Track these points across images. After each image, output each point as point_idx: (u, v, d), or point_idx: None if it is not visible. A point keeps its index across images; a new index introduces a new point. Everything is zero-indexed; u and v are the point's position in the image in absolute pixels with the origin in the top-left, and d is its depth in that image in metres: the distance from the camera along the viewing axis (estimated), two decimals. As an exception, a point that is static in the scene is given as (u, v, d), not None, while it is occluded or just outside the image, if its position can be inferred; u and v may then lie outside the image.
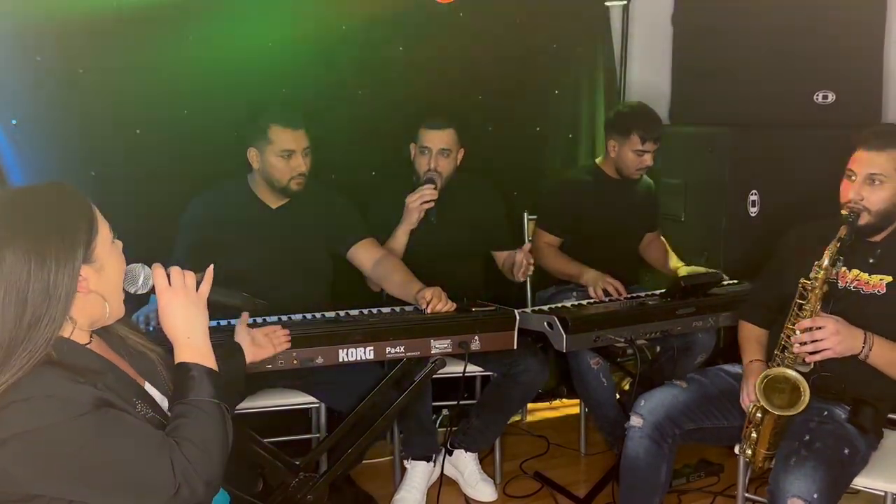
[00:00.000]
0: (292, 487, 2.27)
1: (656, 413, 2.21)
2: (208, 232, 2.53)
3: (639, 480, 2.25)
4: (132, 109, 2.75)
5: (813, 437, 1.98)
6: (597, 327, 2.45)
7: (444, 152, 2.83)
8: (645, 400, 2.25)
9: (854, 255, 2.13)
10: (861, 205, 2.06)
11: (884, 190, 2.05)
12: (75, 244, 1.25)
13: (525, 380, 2.66)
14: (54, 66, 2.62)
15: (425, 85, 3.18)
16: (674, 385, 2.30)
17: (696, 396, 2.22)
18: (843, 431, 2.03)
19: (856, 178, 2.08)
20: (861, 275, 2.13)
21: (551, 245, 3.11)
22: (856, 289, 2.12)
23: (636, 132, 2.96)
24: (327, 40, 2.99)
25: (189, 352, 1.38)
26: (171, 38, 2.75)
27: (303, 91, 2.98)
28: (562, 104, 3.49)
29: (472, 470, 2.81)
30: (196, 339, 1.39)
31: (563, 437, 3.29)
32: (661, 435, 2.20)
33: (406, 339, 2.22)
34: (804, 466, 1.90)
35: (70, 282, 1.24)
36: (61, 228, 1.25)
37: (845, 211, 2.08)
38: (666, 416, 2.20)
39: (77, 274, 1.25)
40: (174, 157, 2.80)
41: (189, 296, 1.41)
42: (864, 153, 2.08)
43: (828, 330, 1.97)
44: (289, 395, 2.53)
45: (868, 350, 1.99)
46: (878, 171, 2.05)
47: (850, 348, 1.98)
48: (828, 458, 1.93)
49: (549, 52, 3.42)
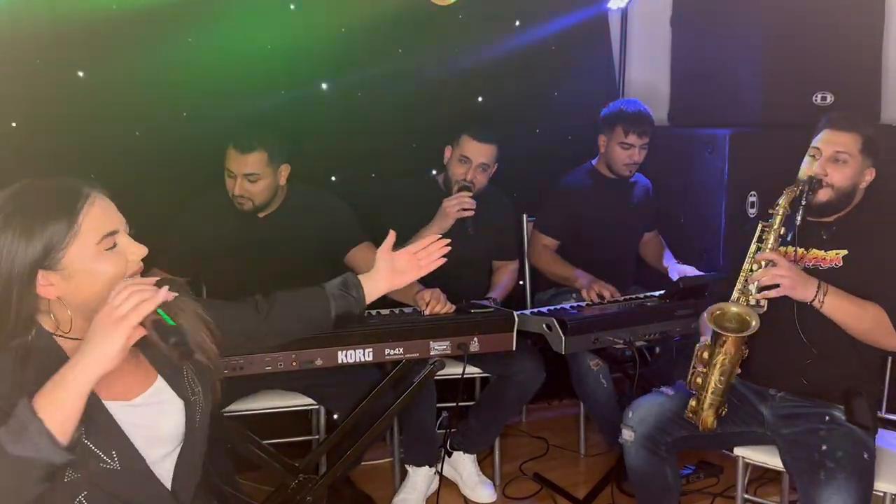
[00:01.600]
0: (291, 489, 2.28)
1: (646, 423, 2.19)
2: (196, 242, 2.54)
3: (650, 490, 2.26)
4: (132, 112, 2.75)
5: (830, 446, 1.99)
6: (595, 329, 2.46)
7: (484, 167, 2.81)
8: (633, 411, 2.23)
9: (809, 236, 2.17)
10: (825, 181, 2.11)
11: (848, 168, 2.12)
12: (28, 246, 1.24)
13: (520, 380, 2.66)
14: (54, 68, 2.62)
15: (424, 87, 3.18)
16: (661, 393, 2.26)
17: (683, 403, 2.19)
18: (855, 435, 2.04)
19: (820, 156, 2.13)
20: (818, 252, 2.16)
21: (549, 247, 3.12)
22: (814, 266, 2.15)
23: (620, 124, 2.98)
24: (327, 43, 2.99)
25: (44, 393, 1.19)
26: (170, 40, 2.75)
27: (302, 93, 2.98)
28: (561, 106, 3.50)
29: (471, 472, 2.82)
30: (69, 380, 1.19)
31: (562, 438, 3.30)
32: (654, 444, 2.18)
33: (405, 340, 2.23)
34: (837, 479, 1.92)
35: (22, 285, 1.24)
36: (25, 229, 1.25)
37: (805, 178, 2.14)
38: (655, 425, 2.18)
39: (31, 275, 1.25)
40: (174, 160, 2.80)
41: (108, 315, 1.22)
42: (830, 133, 2.15)
43: (783, 265, 2.02)
44: (288, 396, 2.53)
45: (823, 296, 2.02)
46: (844, 149, 2.11)
47: (803, 290, 2.02)
48: (855, 467, 1.95)
49: (549, 54, 3.43)
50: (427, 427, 2.70)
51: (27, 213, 1.26)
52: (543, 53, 3.41)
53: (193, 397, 1.45)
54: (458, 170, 2.82)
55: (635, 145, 3.00)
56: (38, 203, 1.28)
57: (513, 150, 3.38)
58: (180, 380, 1.45)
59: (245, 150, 2.45)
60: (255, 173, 2.46)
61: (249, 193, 2.48)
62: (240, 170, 2.46)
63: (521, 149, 3.41)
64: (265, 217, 2.59)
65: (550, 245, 3.12)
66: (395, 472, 2.84)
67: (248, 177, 2.46)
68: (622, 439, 2.24)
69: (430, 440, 2.73)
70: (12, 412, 1.17)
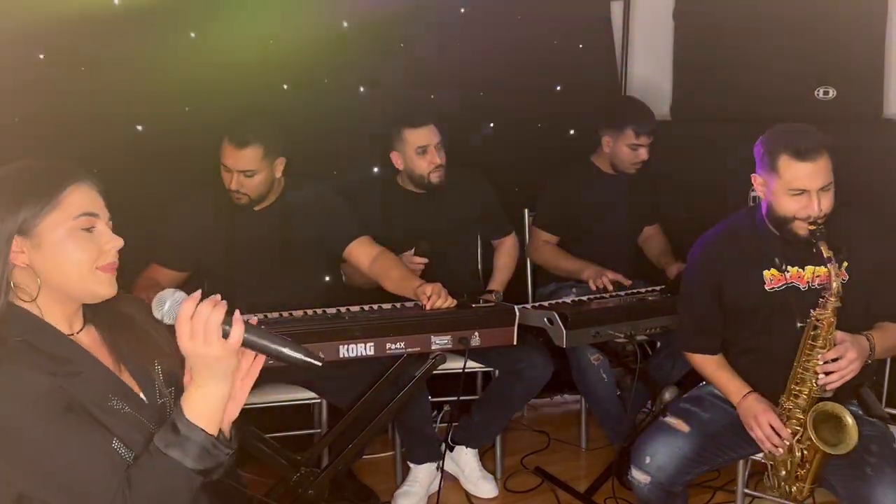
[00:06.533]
0: (294, 482, 2.29)
1: (665, 472, 2.07)
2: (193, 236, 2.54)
3: None
4: (134, 107, 2.76)
5: (861, 441, 1.93)
6: (596, 323, 2.46)
7: (440, 145, 2.79)
8: (650, 457, 2.08)
9: (797, 254, 2.07)
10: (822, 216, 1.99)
11: (832, 188, 2.00)
12: (8, 212, 1.27)
13: (529, 376, 2.66)
14: (56, 63, 2.63)
15: (425, 81, 3.18)
16: (673, 430, 2.13)
17: (700, 441, 2.10)
18: (878, 427, 2.03)
19: (810, 192, 1.97)
20: (818, 269, 2.07)
21: (549, 242, 3.12)
22: (793, 285, 2.09)
23: (630, 126, 2.96)
24: (328, 37, 2.99)
25: (192, 404, 1.25)
26: (172, 35, 2.76)
27: (303, 87, 2.98)
28: (563, 100, 3.49)
29: (473, 467, 2.82)
30: (206, 394, 1.25)
31: (563, 432, 3.30)
32: (671, 485, 2.09)
33: (406, 335, 2.23)
34: (885, 474, 1.89)
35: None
36: (4, 195, 1.28)
37: (812, 226, 1.98)
38: (675, 472, 2.07)
39: (7, 240, 1.27)
40: (176, 154, 2.80)
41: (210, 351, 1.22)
42: (806, 165, 1.96)
43: (849, 357, 1.92)
44: (290, 390, 2.54)
45: (873, 351, 1.98)
46: (827, 180, 1.98)
47: (864, 360, 1.96)
48: (893, 457, 1.94)
49: (551, 49, 3.42)
50: (422, 428, 2.70)
51: (17, 182, 1.30)
52: (545, 47, 3.40)
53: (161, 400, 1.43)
54: (420, 163, 2.77)
55: (644, 145, 2.99)
56: (29, 175, 1.32)
57: (514, 145, 3.39)
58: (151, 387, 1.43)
59: (240, 144, 2.44)
60: (250, 170, 2.46)
61: (246, 188, 2.48)
62: (235, 165, 2.46)
63: (523, 143, 3.41)
64: (261, 210, 2.59)
65: (550, 240, 3.12)
66: (398, 465, 2.85)
67: (244, 173, 2.46)
68: (633, 479, 2.12)
69: (428, 439, 2.73)
70: (178, 427, 1.23)
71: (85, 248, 1.31)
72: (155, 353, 1.44)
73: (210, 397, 1.26)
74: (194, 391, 1.26)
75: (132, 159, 2.74)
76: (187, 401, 1.26)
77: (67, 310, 1.35)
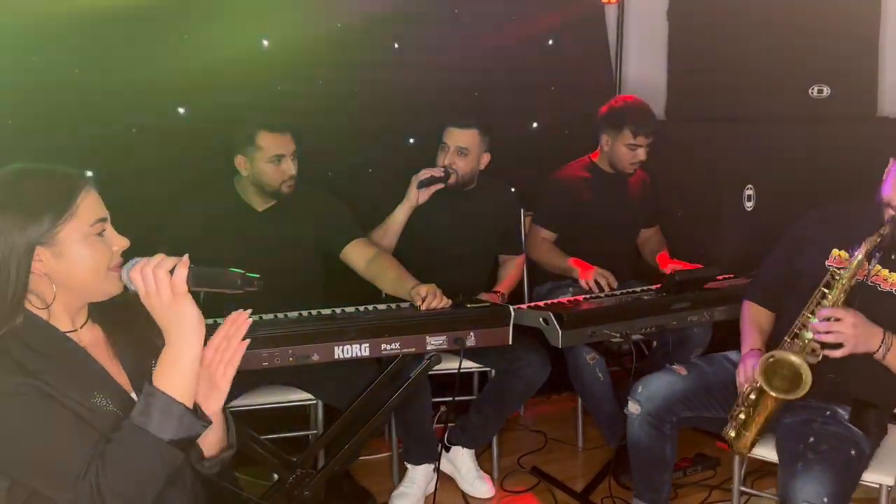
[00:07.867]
0: (290, 483, 2.28)
1: (653, 401, 2.21)
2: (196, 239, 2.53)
3: (646, 461, 2.31)
4: (128, 109, 2.75)
5: (818, 438, 1.95)
6: (592, 323, 2.45)
7: (462, 151, 2.81)
8: (643, 386, 2.25)
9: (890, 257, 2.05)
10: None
11: None
12: (31, 222, 1.29)
13: (527, 375, 2.66)
14: (50, 66, 2.62)
15: (421, 82, 3.18)
16: (672, 371, 2.28)
17: (694, 385, 2.20)
18: (848, 432, 2.00)
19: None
20: (882, 271, 2.06)
21: (546, 240, 3.12)
22: (873, 284, 2.06)
23: (629, 126, 2.97)
24: (323, 38, 2.99)
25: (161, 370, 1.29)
26: (166, 37, 2.75)
27: (298, 89, 2.98)
28: (558, 100, 3.49)
29: (470, 467, 2.82)
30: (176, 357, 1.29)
31: (560, 431, 3.30)
32: (658, 421, 2.21)
33: (401, 335, 2.23)
34: (812, 470, 1.88)
35: (20, 258, 1.29)
36: (22, 206, 1.30)
37: (893, 211, 1.97)
38: (663, 404, 2.20)
39: (29, 251, 1.29)
40: (170, 157, 2.80)
41: (163, 297, 1.28)
42: None
43: (847, 322, 1.89)
44: (285, 391, 2.54)
45: (885, 350, 1.93)
46: None
47: (866, 346, 1.92)
48: (835, 460, 1.91)
49: (545, 48, 3.42)
50: (423, 426, 2.70)
51: (33, 192, 1.33)
52: (540, 47, 3.40)
53: None
54: (439, 158, 2.85)
55: (642, 146, 3.00)
56: (43, 184, 1.35)
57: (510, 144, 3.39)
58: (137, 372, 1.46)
59: (285, 130, 2.52)
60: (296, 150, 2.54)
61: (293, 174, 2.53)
62: (288, 149, 2.52)
63: (519, 143, 3.41)
64: (265, 211, 2.60)
65: (548, 238, 3.12)
66: (394, 466, 2.85)
67: (294, 154, 2.53)
68: (627, 411, 2.26)
69: (428, 439, 2.73)
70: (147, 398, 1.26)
71: (101, 253, 1.36)
72: (154, 352, 1.44)
73: (180, 361, 1.29)
74: (164, 356, 1.30)
75: (127, 161, 2.73)
76: (157, 368, 1.30)
77: (72, 308, 1.40)
